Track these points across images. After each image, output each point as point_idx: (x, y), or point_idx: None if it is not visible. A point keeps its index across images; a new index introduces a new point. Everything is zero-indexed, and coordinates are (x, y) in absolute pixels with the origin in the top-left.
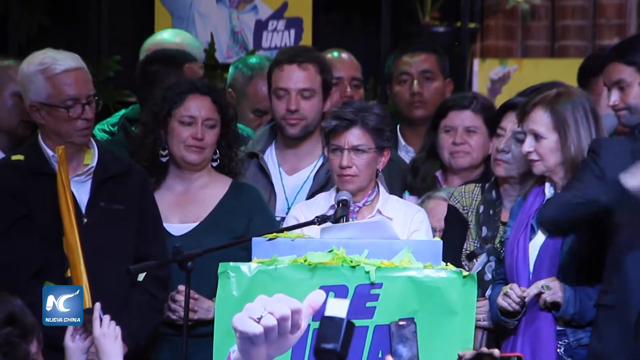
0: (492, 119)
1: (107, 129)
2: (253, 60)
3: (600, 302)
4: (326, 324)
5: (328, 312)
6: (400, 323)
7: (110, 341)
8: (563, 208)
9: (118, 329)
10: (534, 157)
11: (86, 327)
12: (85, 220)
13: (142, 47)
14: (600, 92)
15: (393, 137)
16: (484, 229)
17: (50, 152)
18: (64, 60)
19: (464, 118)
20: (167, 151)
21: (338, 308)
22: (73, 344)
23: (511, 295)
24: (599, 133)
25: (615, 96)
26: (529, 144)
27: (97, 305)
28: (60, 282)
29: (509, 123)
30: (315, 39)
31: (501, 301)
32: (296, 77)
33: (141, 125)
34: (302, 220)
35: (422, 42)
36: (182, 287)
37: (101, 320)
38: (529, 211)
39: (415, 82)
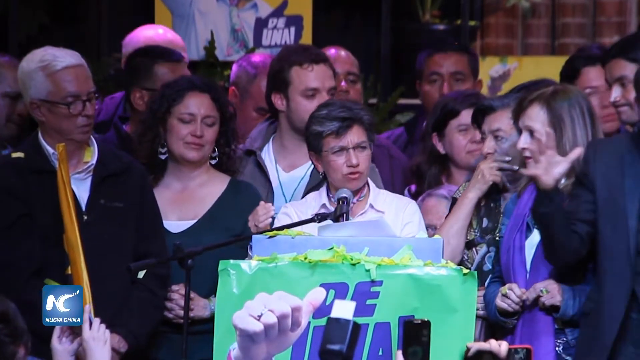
0: (473, 122)
1: None
2: (257, 58)
3: (583, 309)
4: (332, 325)
5: (334, 314)
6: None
7: (99, 345)
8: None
9: (107, 333)
10: (528, 154)
11: (73, 329)
12: (86, 217)
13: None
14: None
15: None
16: (485, 220)
17: (50, 150)
18: (64, 57)
19: None
20: (166, 149)
21: (344, 309)
22: (60, 346)
23: (510, 296)
24: (595, 132)
25: (616, 92)
26: (524, 141)
27: (87, 307)
28: (60, 280)
29: (486, 125)
30: (315, 37)
31: (500, 302)
32: (325, 76)
33: (140, 123)
34: (295, 218)
35: (454, 41)
36: (176, 287)
37: (91, 323)
38: (524, 209)
39: (446, 83)
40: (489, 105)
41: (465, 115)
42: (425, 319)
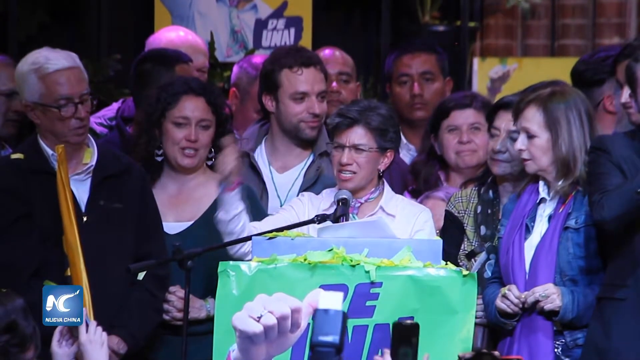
0: (486, 118)
1: (106, 123)
2: (258, 60)
3: (607, 295)
4: (321, 316)
5: (322, 305)
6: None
7: (96, 347)
8: (625, 202)
9: (104, 335)
10: (525, 155)
11: (72, 333)
12: (85, 218)
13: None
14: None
15: (398, 138)
16: (483, 227)
17: (49, 151)
18: (57, 60)
19: (468, 116)
20: (162, 150)
21: (332, 300)
22: (60, 349)
23: (510, 297)
24: (593, 134)
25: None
26: (521, 142)
27: (84, 310)
28: (60, 281)
29: (503, 122)
30: (315, 38)
31: (500, 304)
32: (316, 80)
33: (136, 125)
34: (308, 206)
35: (422, 42)
36: (173, 288)
37: (87, 326)
38: (523, 210)
39: (416, 84)
40: (509, 101)
41: (455, 116)
42: (415, 322)
